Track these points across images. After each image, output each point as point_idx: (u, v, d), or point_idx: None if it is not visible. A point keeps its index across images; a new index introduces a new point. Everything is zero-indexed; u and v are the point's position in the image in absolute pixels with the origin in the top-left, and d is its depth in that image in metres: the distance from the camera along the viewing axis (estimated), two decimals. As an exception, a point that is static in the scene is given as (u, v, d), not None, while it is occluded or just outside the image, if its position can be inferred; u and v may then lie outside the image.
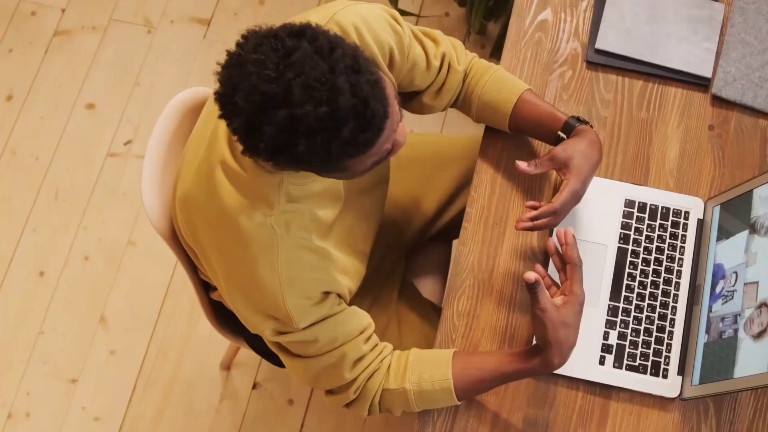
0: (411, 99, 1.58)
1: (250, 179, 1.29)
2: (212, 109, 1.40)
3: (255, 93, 1.10)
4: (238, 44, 1.15)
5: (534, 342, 1.41)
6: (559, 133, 1.51)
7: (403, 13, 2.58)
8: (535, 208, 1.48)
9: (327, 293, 1.36)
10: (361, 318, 1.41)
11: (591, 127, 1.51)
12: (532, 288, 1.33)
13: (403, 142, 1.25)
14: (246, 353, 2.36)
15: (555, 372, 1.51)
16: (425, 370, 1.42)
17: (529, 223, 1.46)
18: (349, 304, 1.69)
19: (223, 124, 1.33)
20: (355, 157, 1.16)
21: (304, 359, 1.40)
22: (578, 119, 1.51)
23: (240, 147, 1.30)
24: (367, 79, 1.12)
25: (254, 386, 2.34)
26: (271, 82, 1.10)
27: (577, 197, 1.47)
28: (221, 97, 1.14)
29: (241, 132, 1.13)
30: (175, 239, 1.56)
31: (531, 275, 1.32)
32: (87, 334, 2.39)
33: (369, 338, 1.42)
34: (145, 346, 2.38)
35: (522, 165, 1.47)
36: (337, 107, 1.10)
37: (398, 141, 1.24)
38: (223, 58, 2.72)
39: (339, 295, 1.40)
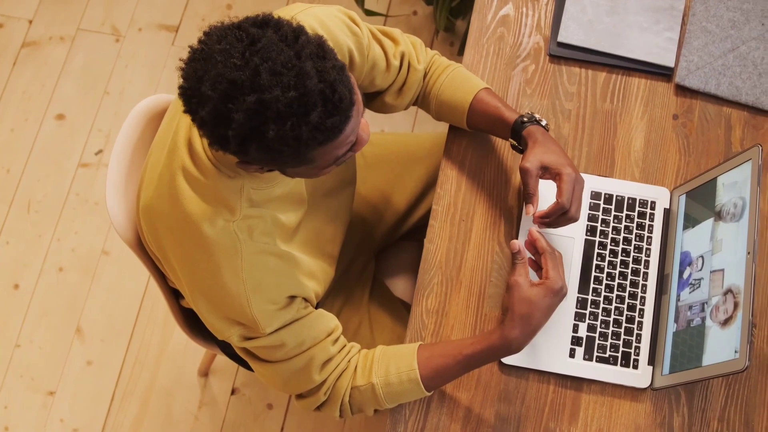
0: (373, 99, 1.58)
1: (211, 185, 1.28)
2: (173, 115, 1.39)
3: (222, 81, 1.10)
4: (200, 40, 1.14)
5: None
6: (511, 140, 1.52)
7: (370, 13, 2.57)
8: (543, 216, 1.47)
9: (292, 297, 1.36)
10: (328, 320, 1.41)
11: (536, 120, 1.49)
12: (514, 257, 1.43)
13: (365, 138, 1.25)
14: (223, 359, 2.35)
15: (526, 366, 1.51)
16: (391, 363, 1.42)
17: (545, 227, 1.46)
18: (320, 306, 1.68)
19: (182, 130, 1.32)
20: (324, 145, 1.15)
21: (273, 364, 1.39)
22: (522, 121, 1.49)
23: (200, 153, 1.29)
24: (333, 64, 1.13)
25: (233, 392, 2.34)
26: (238, 70, 1.09)
27: (580, 181, 1.45)
28: (185, 92, 1.13)
29: (208, 123, 1.12)
30: (141, 248, 1.55)
31: (516, 242, 1.43)
32: (63, 346, 2.38)
33: (337, 340, 1.42)
34: (122, 356, 2.37)
35: (530, 213, 1.46)
36: (305, 91, 1.10)
37: (361, 136, 1.24)
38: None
39: (305, 299, 1.39)
